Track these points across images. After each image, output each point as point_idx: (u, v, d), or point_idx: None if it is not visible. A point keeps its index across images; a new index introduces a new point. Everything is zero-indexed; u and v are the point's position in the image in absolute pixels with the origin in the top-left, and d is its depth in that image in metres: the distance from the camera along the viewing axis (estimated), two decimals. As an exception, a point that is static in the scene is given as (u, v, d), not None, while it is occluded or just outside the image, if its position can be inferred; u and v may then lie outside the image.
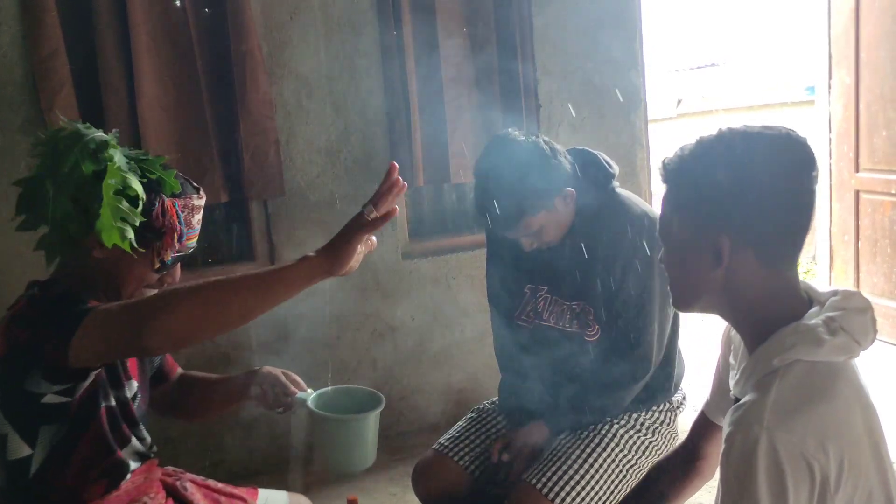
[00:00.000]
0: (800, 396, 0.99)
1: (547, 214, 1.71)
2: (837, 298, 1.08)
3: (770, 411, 0.97)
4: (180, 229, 1.34)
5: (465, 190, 3.39)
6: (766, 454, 0.94)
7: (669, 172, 1.11)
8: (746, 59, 10.65)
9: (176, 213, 1.33)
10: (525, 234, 1.74)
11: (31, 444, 1.28)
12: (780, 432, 0.95)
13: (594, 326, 1.79)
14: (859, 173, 3.85)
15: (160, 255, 1.34)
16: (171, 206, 1.32)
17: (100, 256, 1.30)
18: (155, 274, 1.38)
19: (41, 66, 2.49)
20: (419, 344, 3.20)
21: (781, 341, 1.04)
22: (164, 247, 1.33)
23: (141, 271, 1.35)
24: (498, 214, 1.68)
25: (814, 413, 0.97)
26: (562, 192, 1.72)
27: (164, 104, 2.67)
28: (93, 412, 1.32)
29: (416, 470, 1.87)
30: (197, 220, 1.39)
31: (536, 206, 1.69)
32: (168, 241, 1.33)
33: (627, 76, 3.29)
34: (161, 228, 1.32)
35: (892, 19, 3.52)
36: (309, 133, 2.92)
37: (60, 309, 1.23)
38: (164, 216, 1.32)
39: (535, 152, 1.70)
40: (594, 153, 1.85)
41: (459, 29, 3.01)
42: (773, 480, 0.94)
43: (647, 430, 1.83)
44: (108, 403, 1.36)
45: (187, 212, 1.36)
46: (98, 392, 1.33)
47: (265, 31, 2.80)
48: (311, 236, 2.95)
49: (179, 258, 1.39)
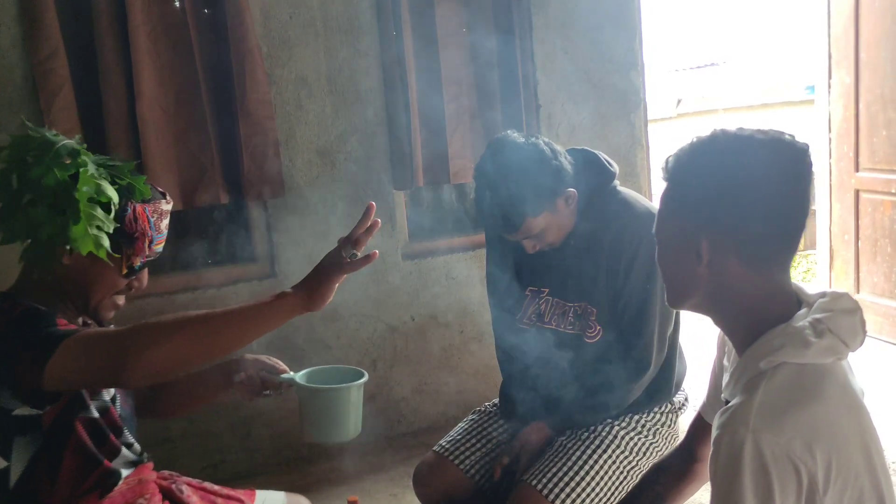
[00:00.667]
0: (786, 398, 0.99)
1: (549, 216, 1.71)
2: (826, 300, 1.08)
3: (756, 413, 0.97)
4: (151, 234, 1.34)
5: (465, 190, 3.39)
6: (752, 457, 0.94)
7: (666, 171, 1.13)
8: (746, 59, 10.67)
9: (147, 219, 1.33)
10: (527, 237, 1.74)
11: (6, 455, 1.27)
12: (765, 434, 0.95)
13: (595, 327, 1.79)
14: (859, 173, 3.85)
15: (130, 261, 1.34)
16: (142, 211, 1.33)
17: (68, 263, 1.29)
18: (123, 279, 1.37)
19: (40, 67, 2.49)
20: (419, 345, 3.20)
21: (769, 343, 1.04)
22: (136, 252, 1.34)
23: (111, 277, 1.35)
24: (500, 218, 1.68)
25: (800, 415, 0.97)
26: (563, 193, 1.72)
27: (164, 105, 2.67)
28: (69, 425, 1.31)
29: (417, 472, 1.87)
30: (165, 224, 1.40)
31: (538, 208, 1.68)
32: (139, 246, 1.34)
33: (627, 76, 3.29)
34: (133, 234, 1.32)
35: (891, 19, 3.52)
36: (309, 133, 2.92)
37: (31, 329, 1.22)
38: (137, 222, 1.32)
39: (536, 154, 1.70)
40: (594, 153, 1.85)
41: (459, 29, 3.01)
42: (758, 483, 0.94)
43: (647, 431, 1.83)
44: (87, 415, 1.35)
45: (157, 216, 1.36)
46: (73, 404, 1.32)
47: (265, 31, 2.80)
48: (310, 237, 2.95)
49: (148, 263, 1.39)
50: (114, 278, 1.36)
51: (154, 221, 1.35)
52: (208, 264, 3.00)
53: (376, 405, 3.17)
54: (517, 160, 1.68)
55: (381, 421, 3.19)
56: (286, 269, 2.95)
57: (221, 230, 3.05)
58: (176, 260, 2.92)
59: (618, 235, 1.73)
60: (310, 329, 3.01)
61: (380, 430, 3.19)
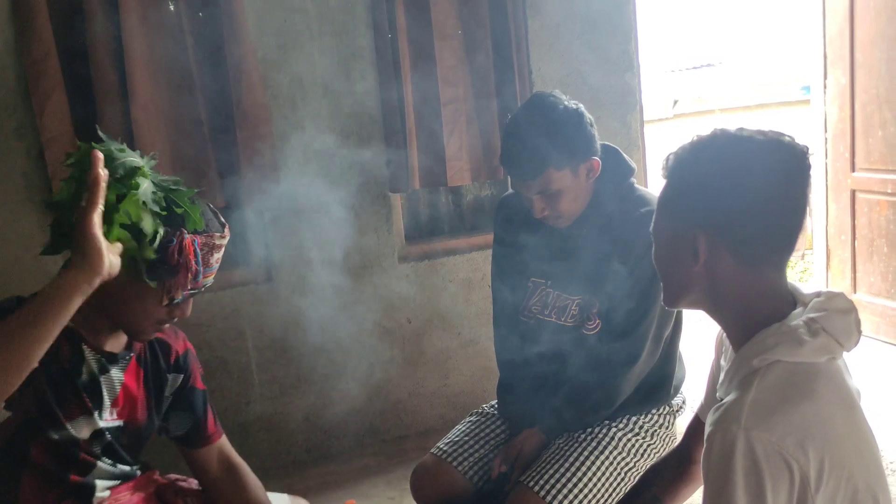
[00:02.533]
0: (779, 396, 1.00)
1: (570, 177, 1.70)
2: (821, 300, 1.08)
3: (748, 411, 0.97)
4: (195, 269, 1.26)
5: (462, 192, 3.39)
6: (744, 454, 0.95)
7: (666, 169, 1.14)
8: (742, 59, 10.69)
9: (194, 252, 1.26)
10: (542, 191, 1.71)
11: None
12: (757, 431, 0.95)
13: (595, 320, 1.78)
14: (855, 173, 3.85)
15: (170, 293, 1.28)
16: (189, 243, 1.25)
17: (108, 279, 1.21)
18: (163, 309, 1.32)
19: (33, 69, 2.48)
20: (416, 347, 3.19)
21: (763, 342, 1.05)
22: (177, 285, 1.27)
23: (150, 307, 1.30)
24: (524, 160, 1.67)
25: (793, 413, 0.98)
26: (589, 160, 1.72)
27: (159, 107, 2.66)
28: (23, 447, 1.28)
29: (416, 475, 1.86)
30: (216, 258, 1.32)
31: (563, 161, 1.68)
32: (181, 279, 1.26)
33: (623, 77, 3.30)
34: (175, 266, 1.24)
35: (886, 19, 3.52)
36: (304, 136, 2.91)
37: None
38: (181, 254, 1.24)
39: (575, 114, 1.71)
40: (615, 147, 1.86)
41: (454, 31, 3.00)
42: (750, 480, 0.94)
43: (644, 433, 1.83)
44: (44, 437, 1.30)
45: (206, 250, 1.28)
46: (24, 432, 1.28)
47: (259, 33, 2.79)
48: (307, 240, 2.95)
49: (192, 295, 1.33)
50: (152, 308, 1.30)
51: (203, 255, 1.27)
52: (204, 268, 2.99)
53: (374, 408, 3.16)
54: (555, 113, 1.69)
55: (379, 424, 3.19)
56: (282, 272, 2.95)
57: (217, 233, 3.04)
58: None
59: (634, 228, 1.71)
60: (306, 333, 3.00)
61: (378, 434, 3.19)
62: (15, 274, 2.59)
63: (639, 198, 1.78)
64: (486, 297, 2.27)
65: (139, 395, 1.43)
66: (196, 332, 2.81)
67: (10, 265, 2.60)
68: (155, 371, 1.47)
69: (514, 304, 1.92)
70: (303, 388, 3.04)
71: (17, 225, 2.59)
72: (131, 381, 1.41)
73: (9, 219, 2.60)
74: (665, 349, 1.82)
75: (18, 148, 2.58)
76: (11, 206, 2.59)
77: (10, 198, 2.59)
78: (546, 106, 1.71)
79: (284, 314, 2.97)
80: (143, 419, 1.45)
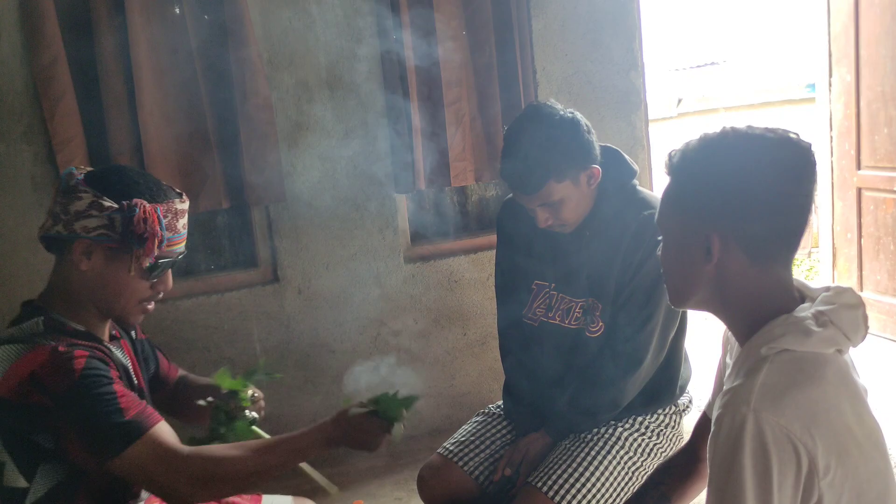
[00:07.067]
0: (787, 380, 1.00)
1: (571, 187, 1.70)
2: (829, 294, 1.09)
3: (758, 393, 0.98)
4: (161, 234, 1.33)
5: (467, 193, 3.40)
6: (753, 436, 0.95)
7: (671, 167, 1.13)
8: (746, 58, 10.67)
9: (157, 219, 1.32)
10: (545, 204, 1.71)
11: (29, 478, 1.29)
12: (766, 413, 0.96)
13: (598, 323, 1.78)
14: (861, 171, 3.84)
15: (139, 261, 1.33)
16: (151, 210, 1.32)
17: (86, 269, 1.32)
18: (146, 284, 1.37)
19: (42, 74, 2.49)
20: (422, 348, 3.20)
21: (770, 332, 1.06)
22: (145, 252, 1.32)
23: (131, 282, 1.35)
24: (524, 176, 1.67)
25: (801, 397, 0.98)
26: (589, 168, 1.72)
27: (165, 111, 2.67)
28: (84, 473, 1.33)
29: (422, 475, 1.87)
30: (182, 224, 1.39)
31: (563, 172, 1.68)
32: (149, 246, 1.32)
33: (627, 76, 3.29)
34: (143, 234, 1.31)
35: (891, 17, 3.51)
36: (309, 138, 2.92)
37: (92, 412, 1.23)
38: (146, 222, 1.31)
39: (572, 123, 1.71)
40: (617, 149, 1.86)
41: (459, 32, 3.01)
42: (758, 462, 0.95)
43: (651, 432, 1.83)
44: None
45: (170, 216, 1.35)
46: None
47: (264, 36, 2.80)
48: (312, 241, 2.96)
49: (169, 264, 1.39)
50: (134, 283, 1.36)
51: (167, 221, 1.34)
52: (211, 270, 3.01)
53: (380, 408, 3.16)
54: (552, 124, 1.69)
55: (386, 424, 3.19)
56: (289, 273, 2.96)
57: (224, 236, 3.05)
58: (179, 266, 2.92)
59: (638, 231, 1.72)
60: (313, 334, 3.01)
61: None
62: (24, 277, 2.61)
63: (641, 200, 1.78)
64: (492, 297, 2.27)
65: (137, 370, 1.50)
66: (204, 334, 2.83)
67: (20, 268, 2.62)
68: (131, 340, 1.56)
69: (518, 307, 1.92)
70: (310, 389, 3.04)
71: (26, 228, 2.61)
72: (131, 359, 1.50)
73: (18, 222, 2.62)
74: (671, 349, 1.82)
75: (26, 152, 2.60)
76: (20, 210, 2.61)
77: (18, 201, 2.60)
78: (542, 117, 1.70)
79: (291, 315, 2.98)
80: (145, 390, 1.52)
